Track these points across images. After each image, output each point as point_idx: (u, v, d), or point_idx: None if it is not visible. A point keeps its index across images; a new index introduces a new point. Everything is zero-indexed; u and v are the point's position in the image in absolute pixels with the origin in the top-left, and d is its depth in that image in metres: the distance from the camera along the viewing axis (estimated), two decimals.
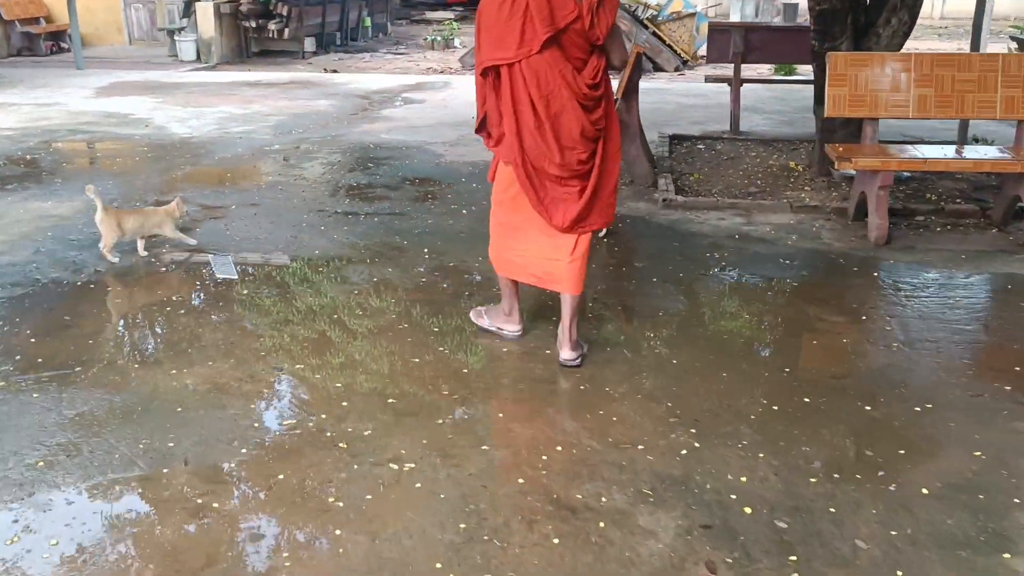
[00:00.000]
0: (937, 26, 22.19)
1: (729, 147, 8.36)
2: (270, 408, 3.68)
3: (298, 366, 3.99)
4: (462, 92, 11.98)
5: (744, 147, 8.33)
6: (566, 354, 3.97)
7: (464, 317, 4.44)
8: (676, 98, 11.39)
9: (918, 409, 3.62)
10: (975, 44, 7.84)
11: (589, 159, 3.77)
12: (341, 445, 3.34)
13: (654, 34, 15.52)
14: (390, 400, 3.69)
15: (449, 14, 25.00)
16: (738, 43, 8.63)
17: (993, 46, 9.83)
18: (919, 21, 7.41)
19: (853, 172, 6.99)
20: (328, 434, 3.42)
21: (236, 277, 5.04)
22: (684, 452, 3.32)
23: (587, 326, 4.36)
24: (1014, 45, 10.76)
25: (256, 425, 3.51)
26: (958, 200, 6.54)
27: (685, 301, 4.81)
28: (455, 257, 5.38)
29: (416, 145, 8.67)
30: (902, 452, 3.33)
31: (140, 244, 5.36)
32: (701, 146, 8.46)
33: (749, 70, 10.22)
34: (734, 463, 3.24)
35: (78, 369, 3.93)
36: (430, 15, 24.64)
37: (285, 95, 11.65)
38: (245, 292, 4.83)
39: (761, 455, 3.29)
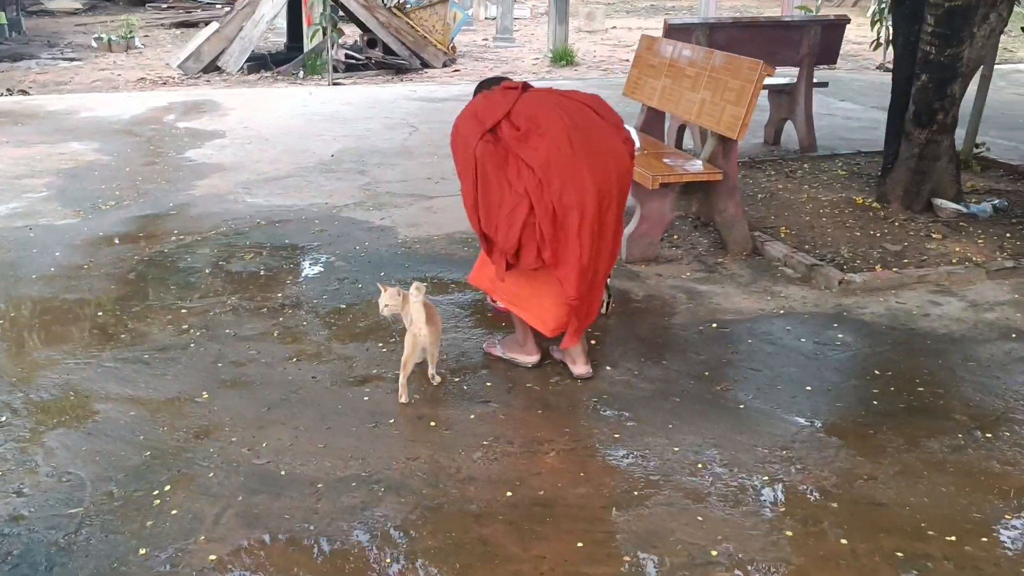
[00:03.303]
0: (641, 7, 21.94)
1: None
2: None
3: None
4: (253, 113, 9.03)
5: (748, 175, 6.59)
6: (581, 368, 3.68)
7: None
8: None
9: None
10: None
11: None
12: None
13: (408, 24, 13.27)
14: None
15: (73, 3, 20.53)
16: (702, 42, 6.84)
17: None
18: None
19: (965, 209, 5.59)
20: None
21: None
22: None
23: None
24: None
25: None
26: None
27: None
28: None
29: (330, 214, 5.88)
30: None
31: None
32: None
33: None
34: None
35: None
36: (50, 5, 20.05)
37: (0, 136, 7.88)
38: None
39: None
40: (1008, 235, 5.35)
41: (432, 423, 3.39)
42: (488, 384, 3.68)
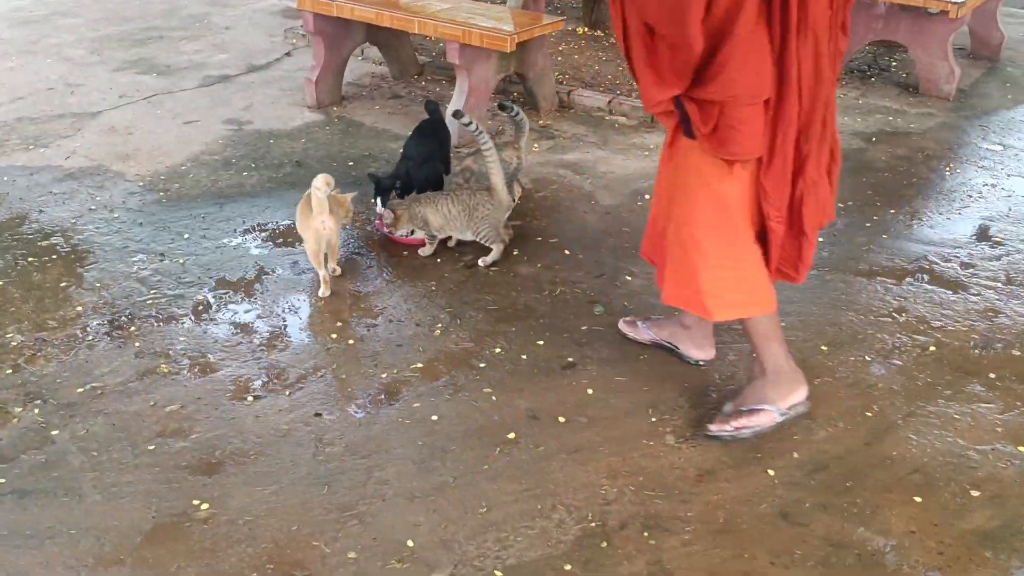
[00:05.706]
0: None
1: None
2: None
3: None
4: None
5: None
6: (710, 350, 2.71)
7: None
8: None
9: None
10: None
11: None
12: None
13: None
14: None
15: None
16: None
17: None
18: None
19: None
20: None
21: None
22: None
23: None
24: None
25: None
26: None
27: None
28: None
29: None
30: None
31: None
32: None
33: None
34: None
35: None
36: None
37: None
38: None
39: None
40: None
41: (561, 418, 2.48)
42: (555, 353, 2.79)
